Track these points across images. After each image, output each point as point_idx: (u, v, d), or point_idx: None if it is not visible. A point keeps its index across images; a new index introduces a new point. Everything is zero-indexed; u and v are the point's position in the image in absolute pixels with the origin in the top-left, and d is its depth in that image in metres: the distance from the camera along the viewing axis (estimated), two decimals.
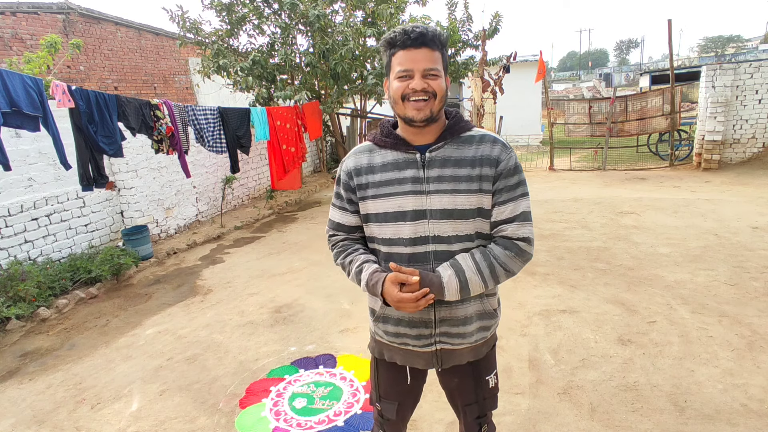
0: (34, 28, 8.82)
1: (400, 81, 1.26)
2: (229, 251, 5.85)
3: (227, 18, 7.92)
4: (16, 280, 4.13)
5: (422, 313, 1.37)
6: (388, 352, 1.50)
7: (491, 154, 1.30)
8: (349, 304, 3.98)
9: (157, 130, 4.79)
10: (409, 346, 1.43)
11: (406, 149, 1.34)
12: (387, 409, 1.55)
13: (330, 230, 1.51)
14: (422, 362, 1.45)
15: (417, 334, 1.40)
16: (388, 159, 1.36)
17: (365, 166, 1.38)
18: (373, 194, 1.36)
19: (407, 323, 1.40)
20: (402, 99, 1.27)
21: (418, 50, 1.24)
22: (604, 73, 38.13)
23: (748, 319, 3.28)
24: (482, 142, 1.32)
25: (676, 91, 9.24)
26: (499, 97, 9.00)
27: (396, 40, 1.26)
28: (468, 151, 1.31)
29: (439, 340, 1.40)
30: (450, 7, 9.41)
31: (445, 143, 1.32)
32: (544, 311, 3.61)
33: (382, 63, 1.39)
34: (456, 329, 1.38)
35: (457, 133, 1.33)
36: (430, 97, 1.25)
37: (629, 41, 73.88)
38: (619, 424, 2.34)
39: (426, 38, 1.24)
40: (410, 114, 1.27)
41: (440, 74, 1.27)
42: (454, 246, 1.32)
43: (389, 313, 1.42)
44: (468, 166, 1.30)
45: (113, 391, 2.96)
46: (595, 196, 7.33)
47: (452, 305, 1.36)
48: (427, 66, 1.24)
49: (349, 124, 11.24)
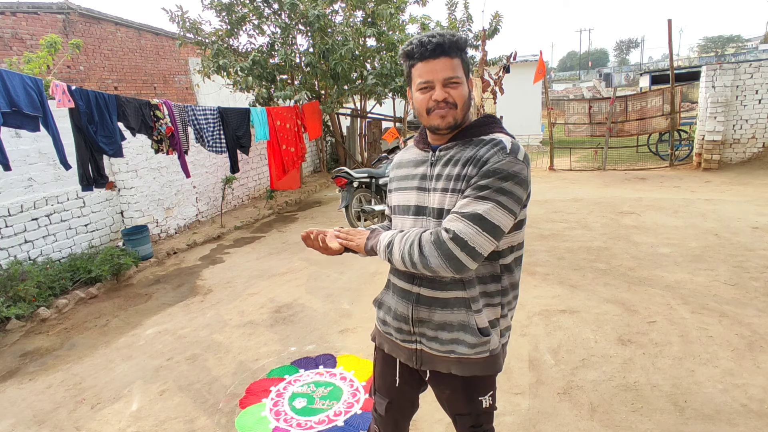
0: (34, 28, 8.82)
1: (422, 93, 1.27)
2: (229, 251, 5.85)
3: (227, 18, 7.93)
4: (16, 280, 4.13)
5: (403, 308, 1.40)
6: (379, 339, 1.55)
7: (484, 155, 1.23)
8: (349, 304, 3.98)
9: (156, 130, 4.79)
10: (392, 336, 1.47)
11: (424, 147, 1.40)
12: (378, 404, 1.58)
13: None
14: (404, 356, 1.46)
15: (397, 327, 1.43)
16: (411, 156, 1.44)
17: (397, 162, 1.50)
18: (393, 188, 1.46)
19: (393, 314, 1.44)
20: (427, 113, 1.29)
21: (436, 60, 1.23)
22: (604, 73, 38.11)
23: (748, 319, 3.28)
24: (487, 145, 1.26)
25: (676, 91, 9.24)
26: (499, 97, 8.98)
27: (414, 53, 1.25)
28: (469, 152, 1.27)
29: (418, 339, 1.40)
30: (450, 7, 9.41)
31: (455, 143, 1.31)
32: (544, 311, 3.61)
33: (385, 67, 1.43)
34: (432, 333, 1.35)
35: (474, 135, 1.30)
36: (452, 106, 1.26)
37: (629, 41, 73.83)
38: (619, 424, 2.34)
39: (444, 47, 1.22)
40: (435, 123, 1.29)
41: (461, 81, 1.26)
42: None
43: (385, 298, 1.49)
44: (460, 166, 1.26)
45: (113, 391, 2.96)
46: (595, 196, 7.33)
47: (431, 307, 1.34)
48: (447, 75, 1.23)
49: (349, 124, 11.25)
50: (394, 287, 1.44)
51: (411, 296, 1.37)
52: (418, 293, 1.36)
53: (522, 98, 13.81)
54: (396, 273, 1.43)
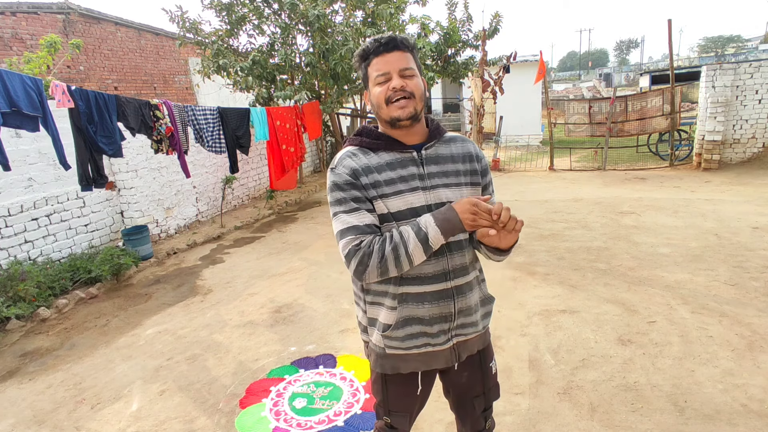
0: (34, 28, 8.82)
1: (380, 86, 1.32)
2: (229, 251, 5.85)
3: (227, 18, 7.92)
4: (16, 280, 4.13)
5: (442, 308, 1.37)
6: (404, 363, 1.42)
7: (473, 151, 1.46)
8: (349, 304, 3.97)
9: (156, 130, 4.79)
10: (429, 347, 1.39)
11: (401, 148, 1.37)
12: (399, 422, 1.52)
13: (356, 238, 1.29)
14: (442, 361, 1.44)
15: (438, 330, 1.37)
16: (385, 159, 1.35)
17: (364, 167, 1.33)
18: (380, 194, 1.32)
19: (428, 321, 1.36)
20: (386, 103, 1.32)
21: (391, 54, 1.31)
22: (604, 73, 38.10)
23: (748, 319, 3.28)
24: (462, 141, 1.47)
25: (676, 91, 9.23)
26: (499, 97, 8.99)
27: (369, 50, 1.34)
28: (454, 148, 1.43)
29: (455, 333, 1.41)
30: (450, 7, 9.41)
31: (435, 142, 1.41)
32: (544, 311, 3.61)
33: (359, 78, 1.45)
34: (469, 318, 1.42)
35: (441, 134, 1.44)
36: (410, 96, 1.31)
37: (629, 41, 73.84)
38: (619, 424, 2.34)
39: (396, 41, 1.31)
40: (395, 114, 1.31)
41: (416, 73, 1.34)
42: (459, 235, 1.38)
43: (408, 314, 1.36)
44: (459, 162, 1.42)
45: (113, 391, 2.96)
46: (595, 196, 7.32)
47: (466, 295, 1.40)
48: (402, 65, 1.31)
49: (349, 124, 11.25)
50: (418, 296, 1.35)
51: (448, 293, 1.37)
52: (453, 287, 1.38)
53: (522, 98, 13.81)
54: (419, 281, 1.34)
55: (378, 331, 1.40)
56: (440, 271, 1.36)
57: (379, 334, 1.40)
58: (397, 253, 1.26)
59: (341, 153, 1.39)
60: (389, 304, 1.37)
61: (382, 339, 1.39)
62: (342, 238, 1.32)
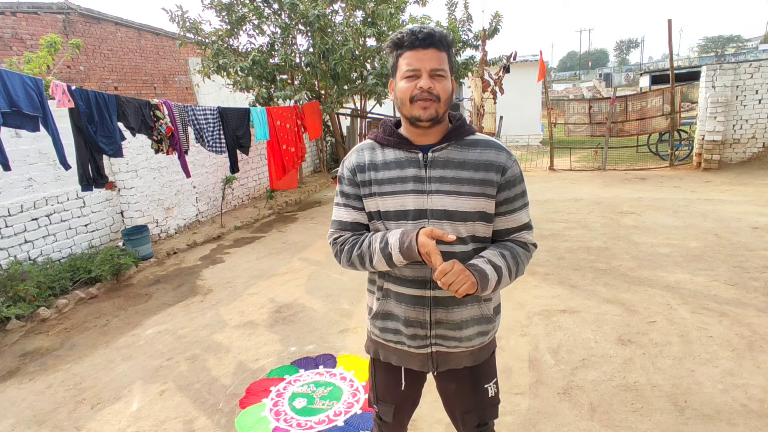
0: (34, 28, 8.82)
1: (407, 81, 1.26)
2: (229, 251, 5.85)
3: (227, 18, 7.92)
4: (16, 280, 4.13)
5: (418, 313, 1.36)
6: (383, 352, 1.48)
7: (497, 160, 1.32)
8: (349, 304, 3.97)
9: (156, 130, 4.79)
10: (404, 345, 1.41)
11: (408, 148, 1.33)
12: (384, 412, 1.54)
13: (336, 232, 1.42)
14: (417, 363, 1.43)
15: (412, 333, 1.38)
16: (390, 157, 1.35)
17: (368, 163, 1.37)
18: (377, 192, 1.34)
19: (403, 321, 1.38)
20: (410, 101, 1.26)
21: (426, 50, 1.24)
22: (604, 73, 38.12)
23: (748, 319, 3.28)
24: (487, 147, 1.33)
25: (676, 91, 9.23)
26: (499, 97, 8.97)
27: (404, 41, 1.25)
28: (471, 154, 1.32)
29: (434, 342, 1.38)
30: (450, 7, 9.41)
31: (448, 144, 1.32)
32: (544, 311, 3.61)
33: (387, 64, 1.40)
34: (452, 332, 1.36)
35: (461, 136, 1.34)
36: (436, 99, 1.25)
37: (629, 41, 73.79)
38: (619, 424, 2.34)
39: (434, 39, 1.23)
40: (416, 113, 1.26)
41: (447, 75, 1.27)
42: (453, 247, 1.30)
43: (388, 308, 1.40)
44: (471, 170, 1.30)
45: (113, 391, 2.96)
46: (595, 196, 7.32)
47: (449, 308, 1.35)
48: (435, 66, 1.24)
49: (349, 124, 11.24)
50: (398, 295, 1.38)
51: (425, 301, 1.35)
52: (433, 296, 1.34)
53: (522, 98, 13.81)
54: (399, 281, 1.37)
55: (368, 315, 1.52)
56: (420, 277, 1.34)
57: (368, 317, 1.51)
58: (362, 260, 1.34)
59: (356, 146, 1.45)
60: (376, 294, 1.46)
61: (370, 323, 1.49)
62: (330, 228, 1.47)
